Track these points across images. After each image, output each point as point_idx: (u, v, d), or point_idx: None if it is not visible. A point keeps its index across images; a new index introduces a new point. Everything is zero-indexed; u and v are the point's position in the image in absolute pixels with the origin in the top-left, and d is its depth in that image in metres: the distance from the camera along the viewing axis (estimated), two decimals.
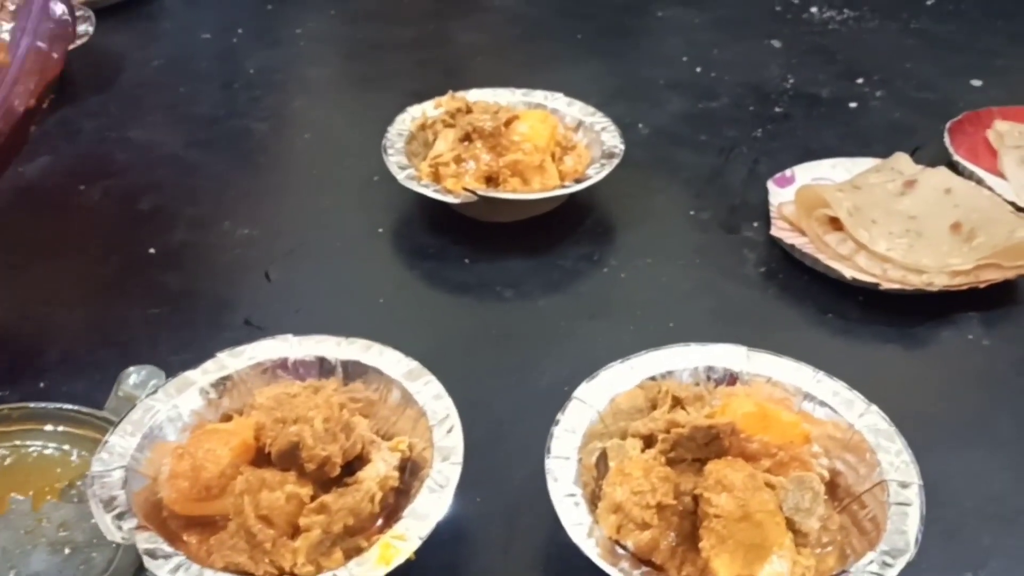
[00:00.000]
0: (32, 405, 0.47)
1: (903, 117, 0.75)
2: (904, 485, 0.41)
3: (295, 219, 0.65)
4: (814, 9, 0.94)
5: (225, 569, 0.39)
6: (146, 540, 0.38)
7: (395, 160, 0.63)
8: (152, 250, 0.61)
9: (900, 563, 0.37)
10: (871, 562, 0.38)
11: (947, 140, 0.69)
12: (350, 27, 0.94)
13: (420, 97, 0.68)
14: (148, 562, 0.37)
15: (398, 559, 0.38)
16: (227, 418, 0.45)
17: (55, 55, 0.51)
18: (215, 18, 0.92)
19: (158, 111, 0.77)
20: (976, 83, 0.80)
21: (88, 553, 0.43)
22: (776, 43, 0.88)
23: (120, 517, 0.39)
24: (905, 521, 0.39)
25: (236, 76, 0.83)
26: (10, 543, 0.43)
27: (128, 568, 0.42)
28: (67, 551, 0.43)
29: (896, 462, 0.42)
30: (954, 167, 0.67)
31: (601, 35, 0.91)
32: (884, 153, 0.67)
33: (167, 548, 0.38)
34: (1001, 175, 0.67)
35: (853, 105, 0.78)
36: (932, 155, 0.68)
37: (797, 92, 0.80)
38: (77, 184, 0.68)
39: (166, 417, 0.44)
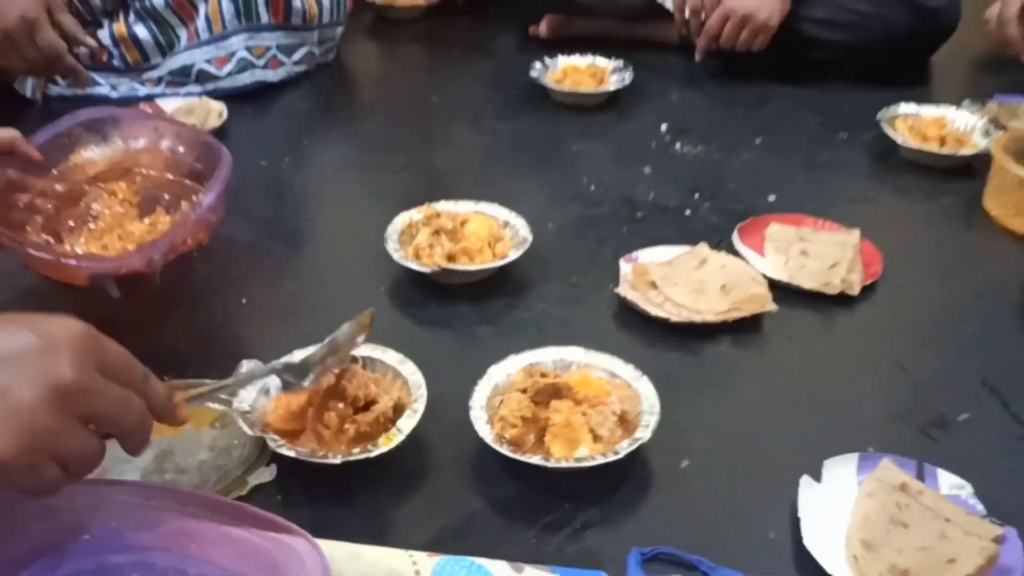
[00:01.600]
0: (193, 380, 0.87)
1: (718, 220, 1.18)
2: (651, 413, 0.81)
3: (324, 277, 1.06)
4: (678, 145, 1.38)
5: (305, 448, 0.78)
6: (265, 435, 0.78)
7: (391, 245, 1.05)
8: (244, 300, 1.02)
9: (640, 441, 0.78)
10: (629, 443, 0.78)
11: (735, 235, 1.11)
12: (361, 155, 1.38)
13: (409, 205, 1.10)
14: (270, 443, 0.77)
15: (394, 442, 0.78)
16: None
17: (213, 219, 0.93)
18: (269, 150, 1.35)
19: (237, 215, 1.18)
20: (772, 198, 1.23)
21: (230, 450, 0.82)
22: (647, 169, 1.31)
23: (251, 426, 0.79)
24: (647, 428, 0.80)
25: (286, 190, 1.25)
26: (187, 446, 0.82)
27: (253, 453, 0.81)
28: (218, 450, 0.82)
29: (650, 403, 0.82)
30: (737, 252, 1.09)
31: (533, 162, 1.34)
32: (697, 243, 1.09)
33: (277, 439, 0.78)
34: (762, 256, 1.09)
35: (688, 212, 1.20)
36: (727, 245, 1.10)
37: (655, 203, 1.22)
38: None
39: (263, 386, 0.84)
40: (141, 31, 1.49)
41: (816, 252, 1.08)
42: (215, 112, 1.40)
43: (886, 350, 0.96)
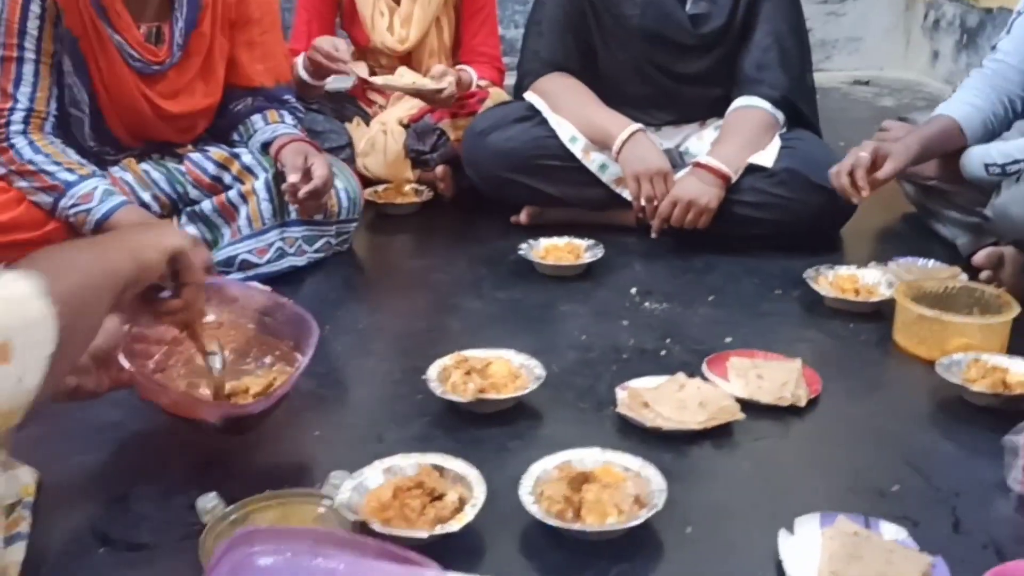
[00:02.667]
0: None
1: (687, 358, 1.46)
2: (659, 491, 1.06)
3: (376, 414, 1.31)
4: (647, 303, 1.69)
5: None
6: (365, 519, 1.01)
7: (433, 384, 1.30)
8: (316, 432, 1.26)
9: (655, 509, 1.03)
10: (647, 511, 1.03)
11: (704, 367, 1.39)
12: (388, 321, 1.66)
13: (436, 356, 1.36)
14: (372, 526, 1.00)
15: (464, 521, 1.01)
16: None
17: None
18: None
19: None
20: (728, 340, 1.53)
21: None
22: (625, 322, 1.61)
23: (352, 514, 1.03)
24: (659, 502, 1.05)
25: (331, 350, 1.51)
26: None
27: None
28: None
29: (657, 484, 1.08)
30: (707, 379, 1.37)
31: (530, 321, 1.63)
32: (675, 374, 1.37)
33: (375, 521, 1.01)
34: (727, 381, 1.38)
35: (663, 352, 1.49)
36: (699, 374, 1.38)
37: (635, 347, 1.51)
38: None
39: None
40: (191, 231, 1.77)
41: (769, 376, 1.37)
42: None
43: (832, 444, 1.24)
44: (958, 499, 1.12)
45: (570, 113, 1.98)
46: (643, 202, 1.90)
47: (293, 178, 1.71)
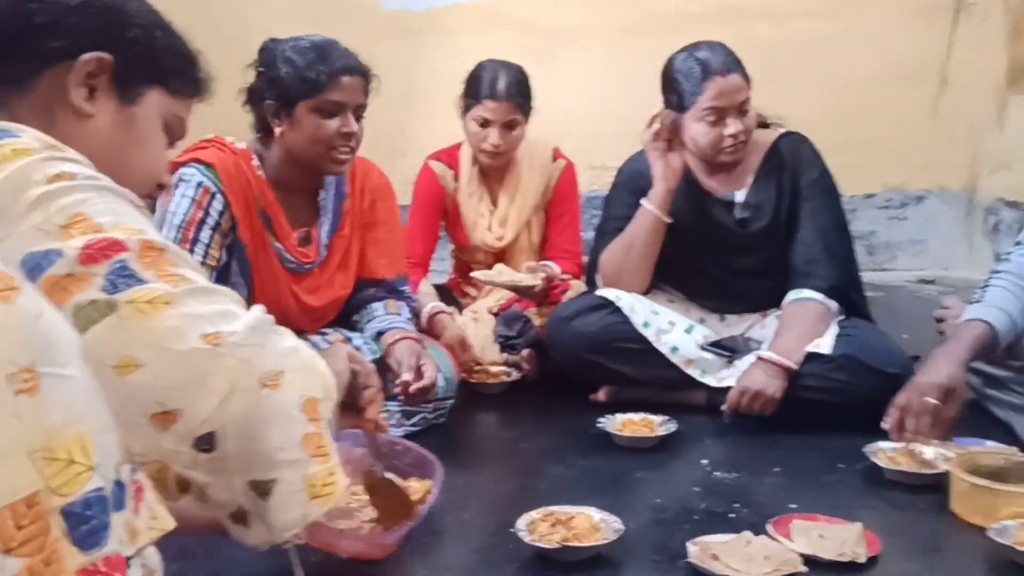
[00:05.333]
0: None
1: (754, 520, 1.59)
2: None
3: (469, 562, 1.46)
4: (717, 473, 1.83)
5: None
6: None
7: (522, 533, 1.46)
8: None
9: None
10: None
11: (768, 526, 1.52)
12: (482, 481, 1.83)
13: (525, 512, 1.53)
14: None
15: None
16: None
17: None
18: None
19: None
20: (793, 506, 1.65)
21: None
22: (697, 489, 1.75)
23: None
24: None
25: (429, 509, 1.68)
26: None
27: None
28: None
29: None
30: (772, 537, 1.49)
31: (610, 485, 1.78)
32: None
33: None
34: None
35: (732, 516, 1.62)
36: (763, 533, 1.51)
37: (706, 511, 1.65)
38: None
39: None
40: None
41: (830, 535, 1.49)
42: None
43: None
44: None
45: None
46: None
47: (407, 376, 1.94)
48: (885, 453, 1.84)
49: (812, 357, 2.08)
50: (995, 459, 1.69)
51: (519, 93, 2.48)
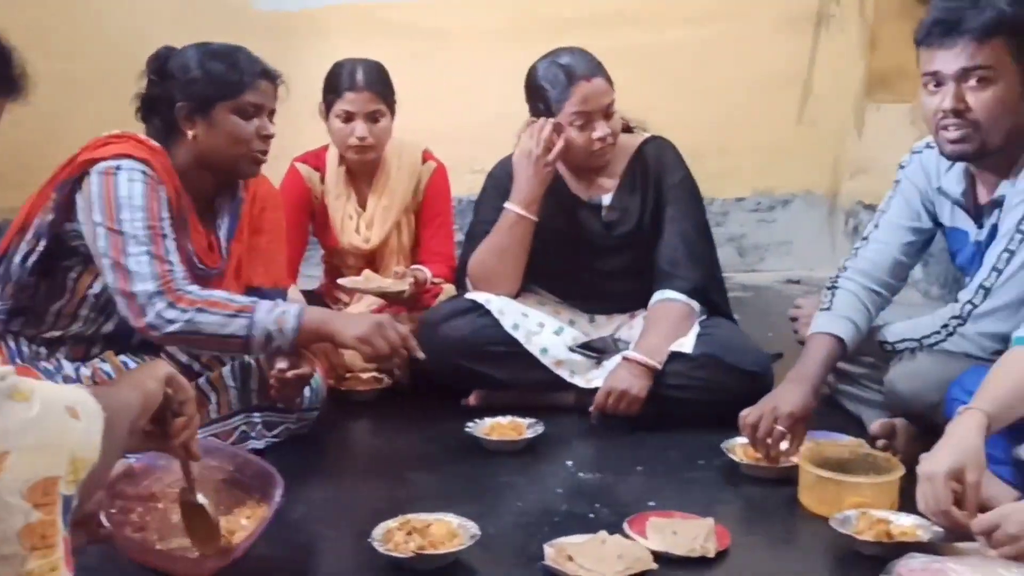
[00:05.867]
0: None
1: (613, 520, 1.61)
2: None
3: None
4: (581, 474, 1.85)
5: None
6: None
7: (377, 544, 1.44)
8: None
9: None
10: None
11: (625, 526, 1.54)
12: (343, 492, 1.79)
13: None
14: None
15: None
16: None
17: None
18: None
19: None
20: (651, 503, 1.68)
21: None
22: (559, 490, 1.76)
23: None
24: None
25: (285, 521, 1.64)
26: None
27: None
28: None
29: None
30: (627, 536, 1.51)
31: (474, 490, 1.78)
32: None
33: None
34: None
35: (591, 515, 1.64)
36: (621, 532, 1.53)
37: (566, 512, 1.66)
38: None
39: None
40: None
41: (683, 531, 1.52)
42: None
43: None
44: None
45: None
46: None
47: (282, 364, 1.90)
48: (742, 448, 1.89)
49: (675, 356, 2.13)
50: (841, 451, 1.76)
51: (379, 82, 2.49)
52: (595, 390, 2.13)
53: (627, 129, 2.36)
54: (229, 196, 2.03)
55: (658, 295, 2.24)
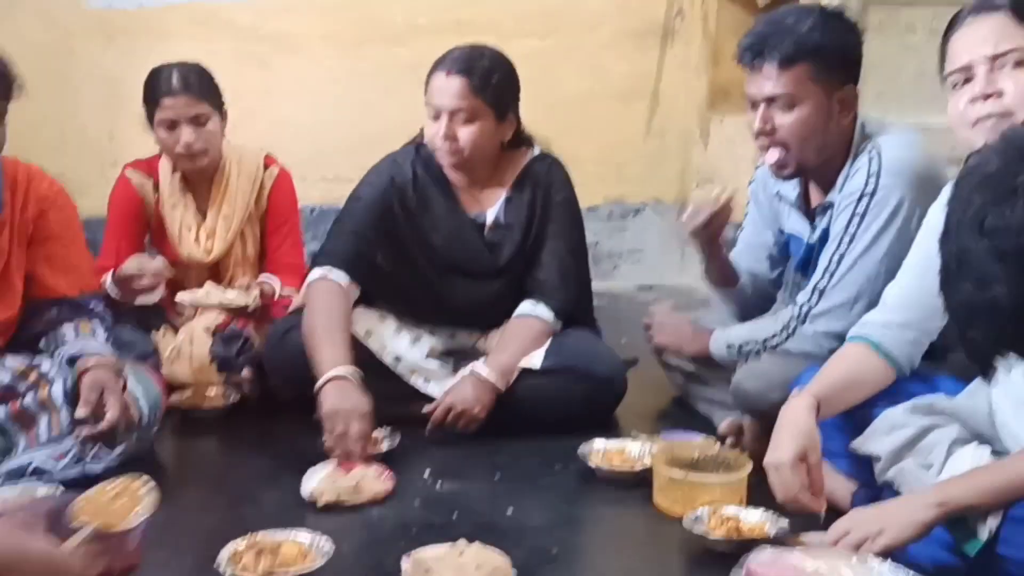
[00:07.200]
0: None
1: (470, 531, 1.59)
2: None
3: None
4: (439, 484, 1.81)
5: None
6: None
7: (224, 568, 1.36)
8: None
9: None
10: None
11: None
12: (186, 515, 1.69)
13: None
14: None
15: None
16: None
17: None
18: None
19: None
20: (509, 511, 1.67)
21: None
22: (416, 501, 1.72)
23: None
24: None
25: None
26: None
27: None
28: None
29: None
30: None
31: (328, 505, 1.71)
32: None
33: None
34: None
35: (450, 529, 1.61)
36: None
37: (424, 523, 1.62)
38: None
39: None
40: None
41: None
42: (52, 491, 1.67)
43: None
44: None
45: (307, 329, 2.05)
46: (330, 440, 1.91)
47: (81, 412, 1.76)
48: (598, 453, 1.91)
49: (524, 373, 2.10)
50: (691, 451, 1.80)
51: (198, 84, 2.37)
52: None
53: (518, 143, 2.28)
54: None
55: (521, 308, 2.19)
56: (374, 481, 1.76)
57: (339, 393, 1.90)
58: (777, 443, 1.47)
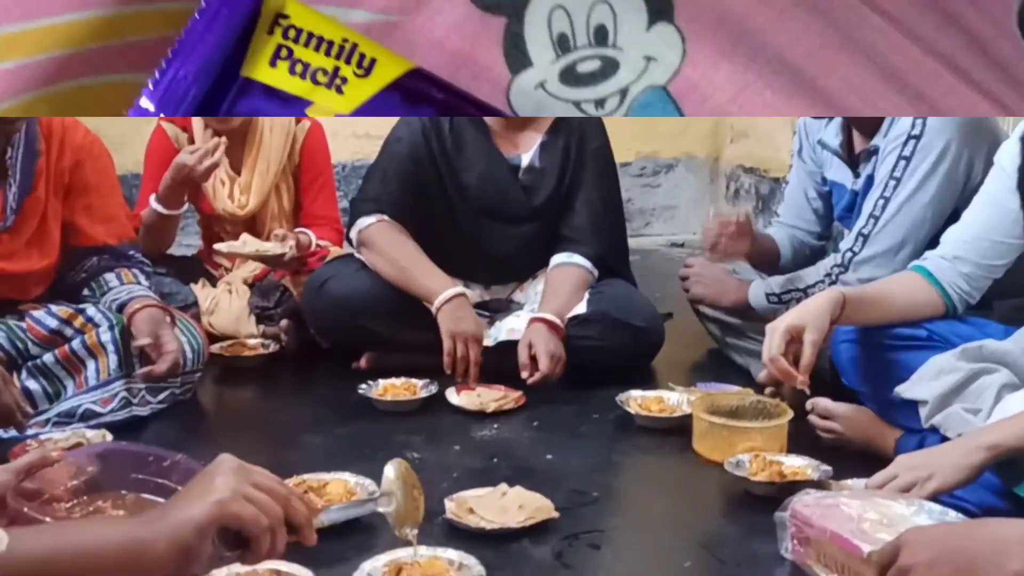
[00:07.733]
0: None
1: (511, 474, 1.60)
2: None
3: None
4: (478, 433, 1.83)
5: None
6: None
7: None
8: None
9: None
10: None
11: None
12: None
13: None
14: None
15: None
16: None
17: None
18: None
19: None
20: (549, 457, 1.68)
21: None
22: (456, 447, 1.74)
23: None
24: None
25: None
26: None
27: None
28: None
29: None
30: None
31: (369, 450, 1.73)
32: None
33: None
34: None
35: (488, 473, 1.62)
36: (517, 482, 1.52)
37: (464, 467, 1.64)
38: None
39: None
40: (33, 386, 1.81)
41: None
42: (100, 437, 1.70)
43: (636, 532, 1.39)
44: (739, 569, 1.28)
45: (392, 267, 2.10)
46: (451, 360, 2.00)
47: (143, 342, 1.81)
48: (636, 401, 1.91)
49: (571, 320, 2.10)
50: (731, 399, 1.79)
51: None
52: (487, 349, 2.08)
53: None
54: (22, 149, 1.82)
55: (559, 258, 2.19)
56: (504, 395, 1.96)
57: (457, 313, 2.00)
58: (783, 314, 1.54)
